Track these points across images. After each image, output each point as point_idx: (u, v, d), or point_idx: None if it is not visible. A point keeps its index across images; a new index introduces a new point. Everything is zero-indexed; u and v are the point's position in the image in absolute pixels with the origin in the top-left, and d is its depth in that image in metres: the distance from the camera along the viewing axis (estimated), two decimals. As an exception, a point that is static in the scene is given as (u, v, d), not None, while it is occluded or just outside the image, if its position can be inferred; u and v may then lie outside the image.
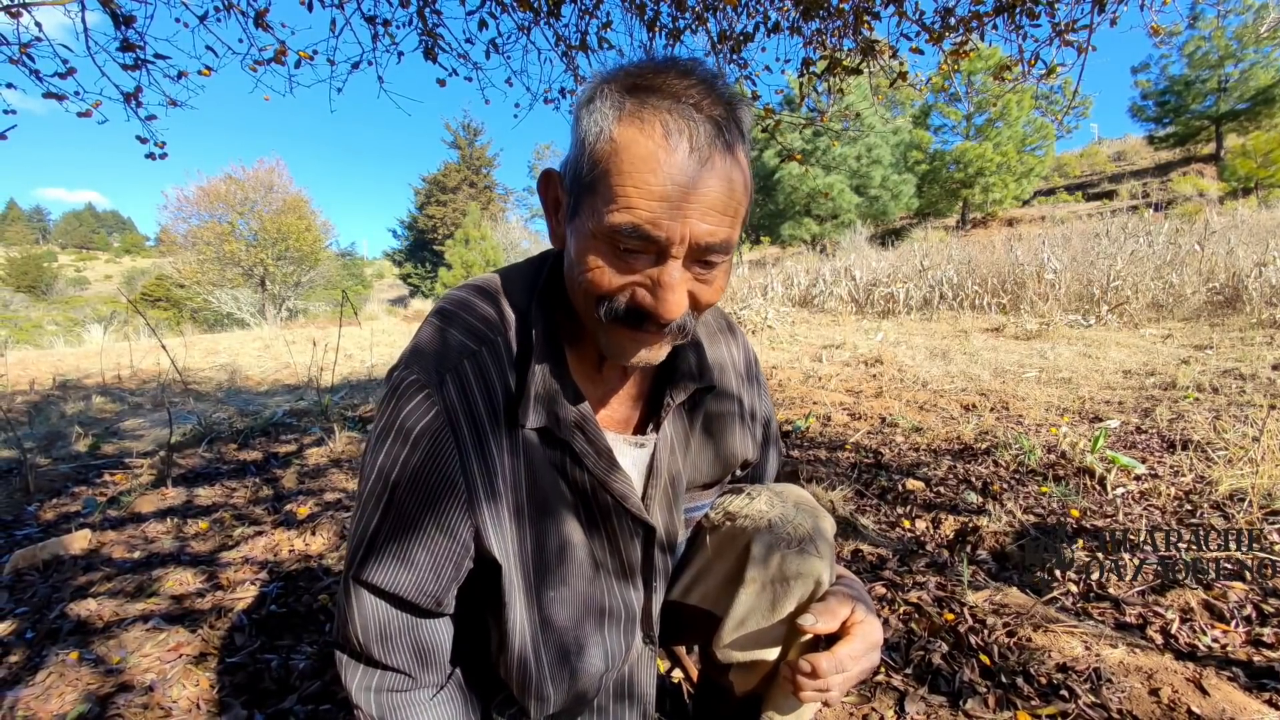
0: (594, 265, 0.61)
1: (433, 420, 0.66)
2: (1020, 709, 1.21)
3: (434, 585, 0.70)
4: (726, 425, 0.86)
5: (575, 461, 0.72)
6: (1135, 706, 1.21)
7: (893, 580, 1.72)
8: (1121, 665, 1.31)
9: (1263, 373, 4.04)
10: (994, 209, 24.42)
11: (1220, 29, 20.78)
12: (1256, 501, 2.09)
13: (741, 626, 0.79)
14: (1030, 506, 2.19)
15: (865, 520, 2.14)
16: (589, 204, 0.60)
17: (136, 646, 1.50)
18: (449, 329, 0.71)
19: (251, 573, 1.91)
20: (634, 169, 0.56)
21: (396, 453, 0.66)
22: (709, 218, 0.58)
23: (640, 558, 0.79)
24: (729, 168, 0.59)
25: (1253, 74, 21.01)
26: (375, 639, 0.71)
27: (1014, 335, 6.68)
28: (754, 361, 0.94)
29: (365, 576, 0.69)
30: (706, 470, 0.85)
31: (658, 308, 0.60)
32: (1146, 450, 2.82)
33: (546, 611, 0.73)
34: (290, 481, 2.82)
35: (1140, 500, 2.26)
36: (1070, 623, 1.46)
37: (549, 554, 0.73)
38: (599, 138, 0.59)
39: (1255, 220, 11.10)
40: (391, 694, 0.73)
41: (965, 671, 1.31)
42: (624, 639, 0.81)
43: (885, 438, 3.19)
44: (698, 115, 0.58)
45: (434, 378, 0.68)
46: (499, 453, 0.69)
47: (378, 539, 0.68)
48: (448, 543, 0.68)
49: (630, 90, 0.59)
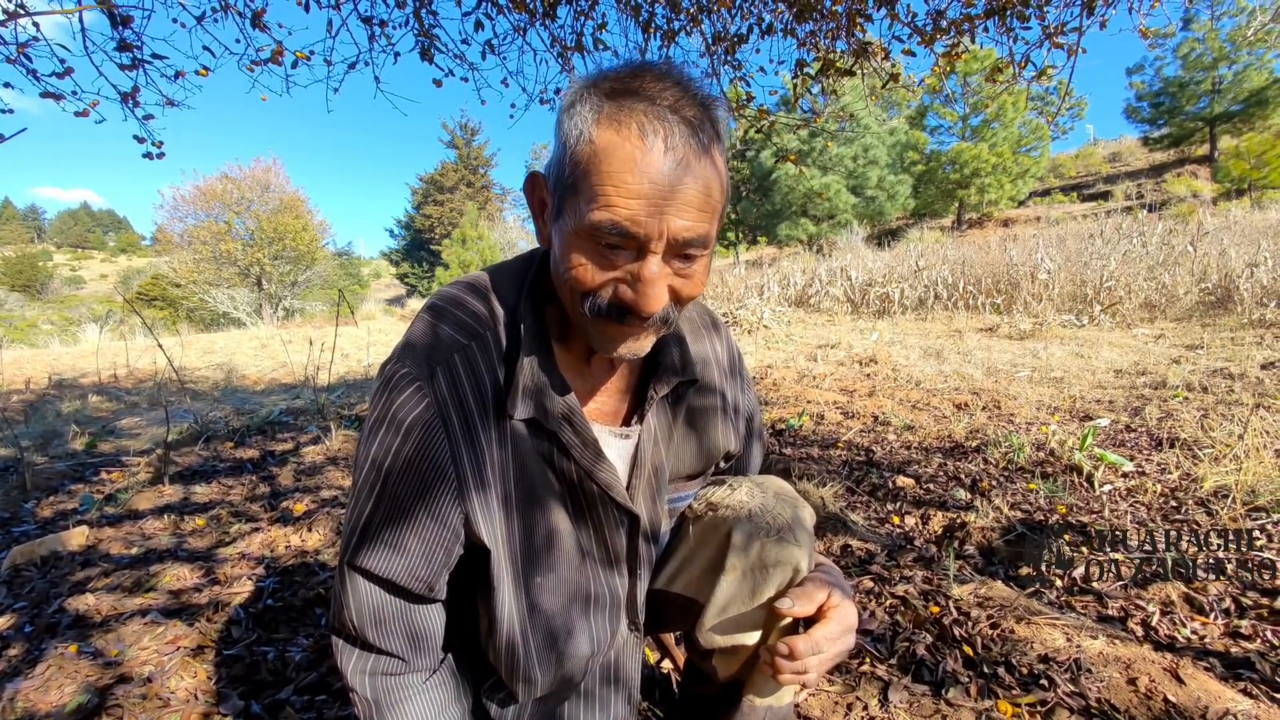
0: (578, 263, 0.64)
1: (424, 411, 0.69)
2: (1001, 698, 1.24)
3: (425, 571, 0.72)
4: (709, 418, 0.89)
5: (562, 452, 0.75)
6: (1113, 695, 1.24)
7: (880, 574, 1.75)
8: (1101, 656, 1.34)
9: (1251, 372, 4.07)
10: (990, 210, 24.51)
11: (1214, 31, 20.89)
12: (1239, 498, 2.12)
13: (723, 612, 0.81)
14: (1018, 503, 2.22)
15: (855, 516, 2.17)
16: (571, 204, 0.63)
17: (134, 640, 1.52)
18: (440, 324, 0.74)
19: (248, 568, 1.93)
20: (612, 169, 0.59)
21: (389, 443, 0.69)
22: (686, 214, 0.60)
23: (625, 546, 0.82)
24: (704, 166, 0.61)
25: (1246, 76, 21.13)
26: (370, 623, 0.74)
27: (1008, 335, 6.72)
28: (738, 357, 0.97)
29: (359, 562, 0.72)
30: (689, 461, 0.88)
31: (639, 301, 0.63)
32: (1135, 448, 2.85)
33: (534, 597, 0.76)
34: (287, 479, 2.83)
35: (1127, 497, 2.29)
36: (1053, 615, 1.49)
37: (537, 541, 0.75)
38: (579, 140, 0.61)
39: (1248, 221, 11.19)
40: (386, 677, 0.76)
41: (948, 662, 1.34)
42: (609, 624, 0.83)
43: (877, 436, 3.22)
44: (672, 116, 0.60)
45: (425, 371, 0.70)
46: (488, 443, 0.72)
47: (371, 526, 0.71)
48: (439, 529, 0.71)
49: (609, 94, 0.62)
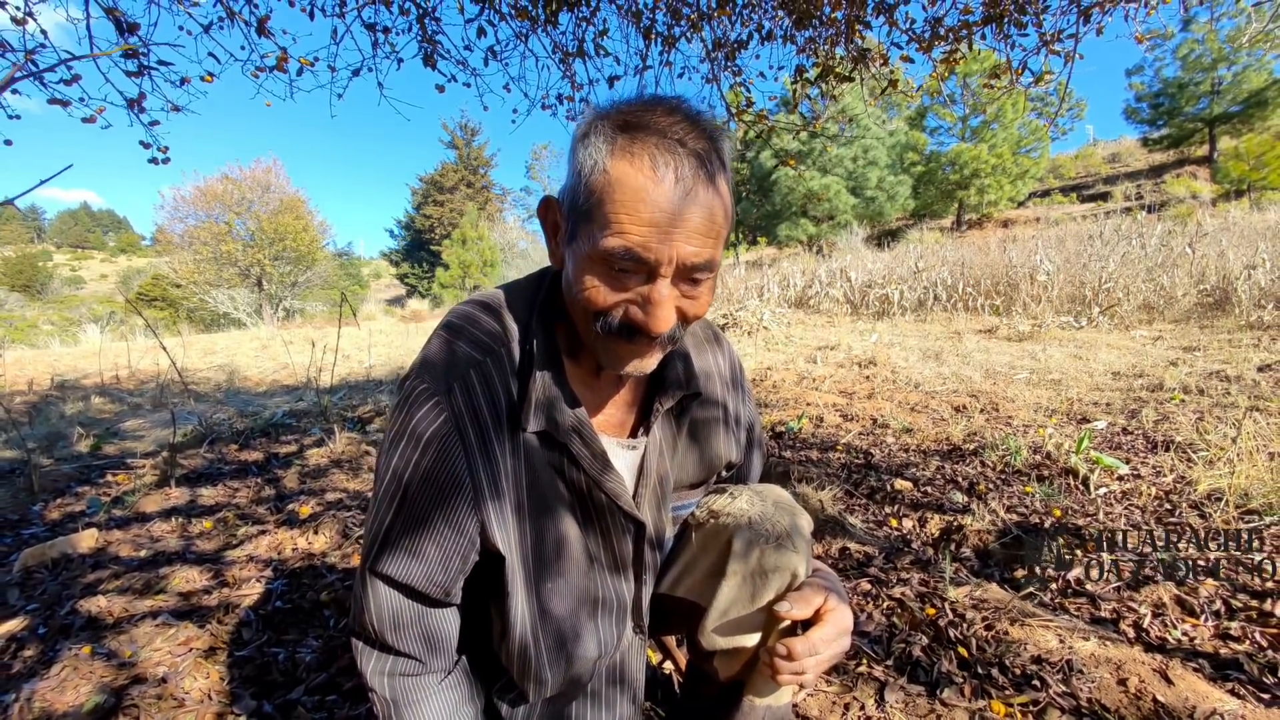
0: (590, 284, 0.67)
1: (441, 425, 0.72)
2: (994, 698, 1.27)
3: (442, 576, 0.76)
4: (711, 429, 0.92)
5: (572, 462, 0.78)
6: (1104, 695, 1.27)
7: (878, 577, 1.78)
8: (1093, 657, 1.37)
9: (1248, 374, 4.11)
10: (989, 210, 24.55)
11: (1213, 32, 20.92)
12: (1233, 501, 2.15)
13: (724, 615, 0.85)
14: (1014, 505, 2.25)
15: (854, 519, 2.20)
16: (586, 229, 0.66)
17: (147, 641, 1.55)
18: (456, 341, 0.77)
19: (256, 570, 1.96)
20: (626, 198, 0.63)
21: (409, 455, 0.72)
22: (693, 241, 0.64)
23: (631, 552, 0.85)
24: (711, 196, 0.65)
25: (1245, 77, 21.16)
26: (389, 626, 0.77)
27: (1006, 337, 6.75)
28: (739, 369, 1.00)
29: (380, 568, 0.75)
30: (692, 471, 0.92)
31: (648, 322, 0.67)
32: (1131, 451, 2.88)
33: (545, 601, 0.79)
34: (292, 482, 2.87)
35: (1122, 500, 2.32)
36: (1046, 617, 1.52)
37: (547, 548, 0.79)
38: (594, 170, 0.65)
39: (1247, 222, 11.21)
40: (403, 678, 0.79)
41: (943, 663, 1.37)
42: (616, 628, 0.87)
43: (876, 438, 3.25)
44: (682, 150, 0.64)
45: (442, 386, 0.74)
46: (502, 454, 0.75)
47: (391, 534, 0.74)
48: (455, 537, 0.74)
49: (621, 127, 0.65)
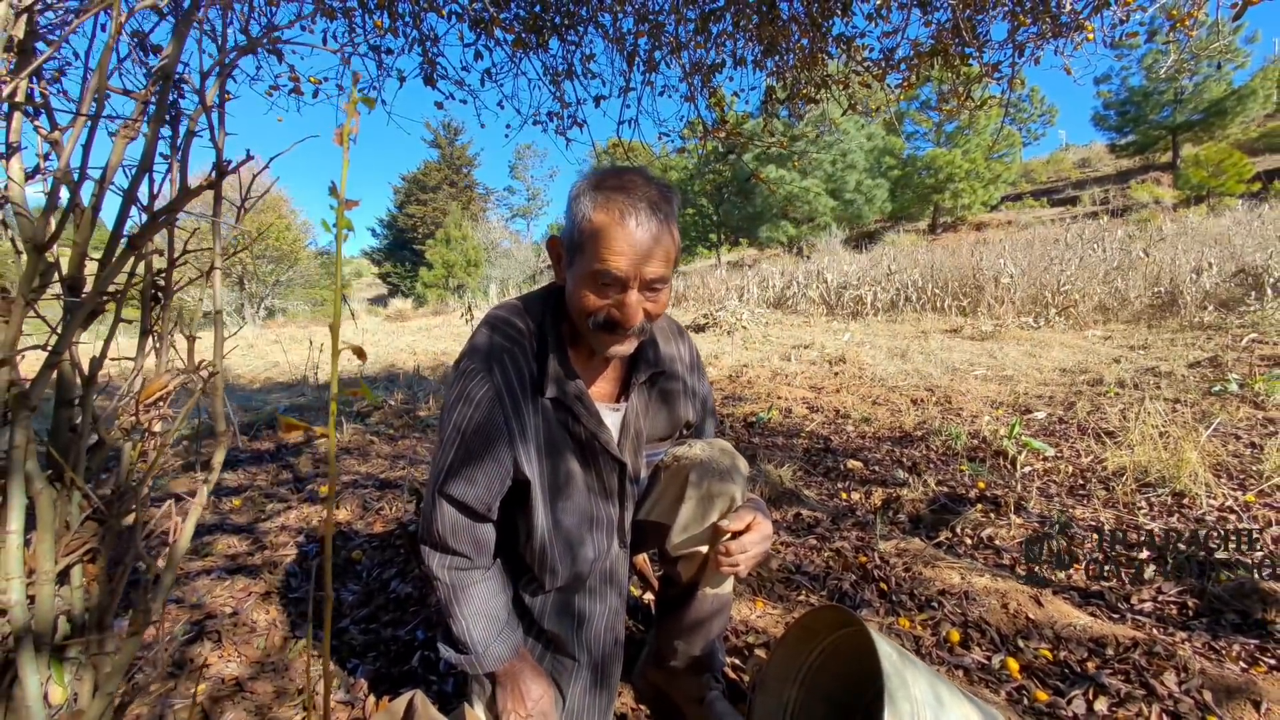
0: (584, 295, 1.00)
1: (488, 391, 1.05)
2: (901, 616, 1.61)
3: (488, 496, 1.08)
4: (675, 398, 1.25)
5: (575, 420, 1.11)
6: (988, 616, 1.62)
7: (823, 535, 2.12)
8: (985, 589, 1.72)
9: (1179, 370, 4.52)
10: (964, 214, 25.23)
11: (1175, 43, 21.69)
12: (1132, 475, 2.53)
13: (684, 531, 1.17)
14: (945, 480, 2.61)
15: (809, 492, 2.54)
16: (580, 259, 1.00)
17: (208, 590, 1.84)
18: (494, 335, 1.10)
19: (289, 537, 2.25)
20: (605, 239, 0.96)
21: (466, 412, 1.05)
22: (651, 264, 0.97)
23: (617, 485, 1.18)
24: (664, 234, 0.98)
25: (1206, 87, 22.05)
26: (449, 533, 1.09)
27: (970, 336, 7.15)
28: (696, 355, 1.33)
29: (446, 490, 1.07)
30: (661, 428, 1.25)
31: (624, 319, 0.99)
32: (1062, 437, 3.26)
33: (558, 515, 1.13)
34: (306, 466, 3.15)
35: (1043, 476, 2.69)
36: (953, 561, 1.87)
37: (560, 478, 1.12)
38: (583, 219, 0.98)
39: (1203, 227, 11.80)
40: (459, 571, 1.11)
41: (865, 593, 1.72)
42: (607, 540, 1.20)
43: (838, 427, 3.61)
44: (643, 204, 0.97)
45: (486, 365, 1.06)
46: (529, 413, 1.08)
47: (454, 467, 1.06)
48: (497, 469, 1.07)
49: (598, 188, 0.99)
